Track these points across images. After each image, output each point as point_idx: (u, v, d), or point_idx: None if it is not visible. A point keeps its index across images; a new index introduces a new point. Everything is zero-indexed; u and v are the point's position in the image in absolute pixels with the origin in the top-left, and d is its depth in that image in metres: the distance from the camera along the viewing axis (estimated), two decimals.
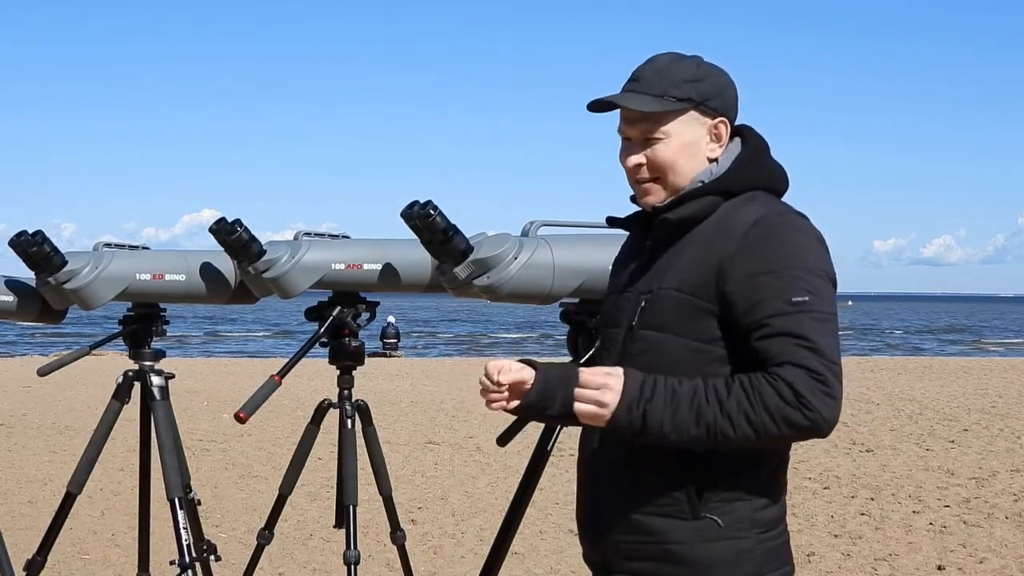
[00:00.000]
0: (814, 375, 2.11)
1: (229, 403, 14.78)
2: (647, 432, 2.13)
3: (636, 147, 2.30)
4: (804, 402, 2.09)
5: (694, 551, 2.22)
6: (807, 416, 2.10)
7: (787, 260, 2.16)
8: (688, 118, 2.27)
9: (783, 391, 2.10)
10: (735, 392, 2.11)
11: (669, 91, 2.25)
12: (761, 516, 2.24)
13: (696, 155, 2.28)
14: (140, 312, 4.26)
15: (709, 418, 2.11)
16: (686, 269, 2.22)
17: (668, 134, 2.26)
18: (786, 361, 2.11)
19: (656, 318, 2.23)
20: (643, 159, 2.28)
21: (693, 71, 2.27)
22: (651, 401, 2.12)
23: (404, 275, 3.79)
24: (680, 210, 2.26)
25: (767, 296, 2.14)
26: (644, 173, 2.29)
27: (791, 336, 2.12)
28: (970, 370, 23.59)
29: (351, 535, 3.88)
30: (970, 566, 6.82)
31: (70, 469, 4.44)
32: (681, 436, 2.13)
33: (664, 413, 2.11)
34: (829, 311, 2.17)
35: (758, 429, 2.11)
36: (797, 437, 2.15)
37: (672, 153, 2.27)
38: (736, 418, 2.10)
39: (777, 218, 2.21)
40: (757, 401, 2.10)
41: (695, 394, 2.12)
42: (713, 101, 2.28)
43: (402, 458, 10.69)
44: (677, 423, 2.11)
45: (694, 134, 2.28)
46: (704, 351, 2.20)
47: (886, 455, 11.06)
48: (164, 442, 4.10)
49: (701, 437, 2.12)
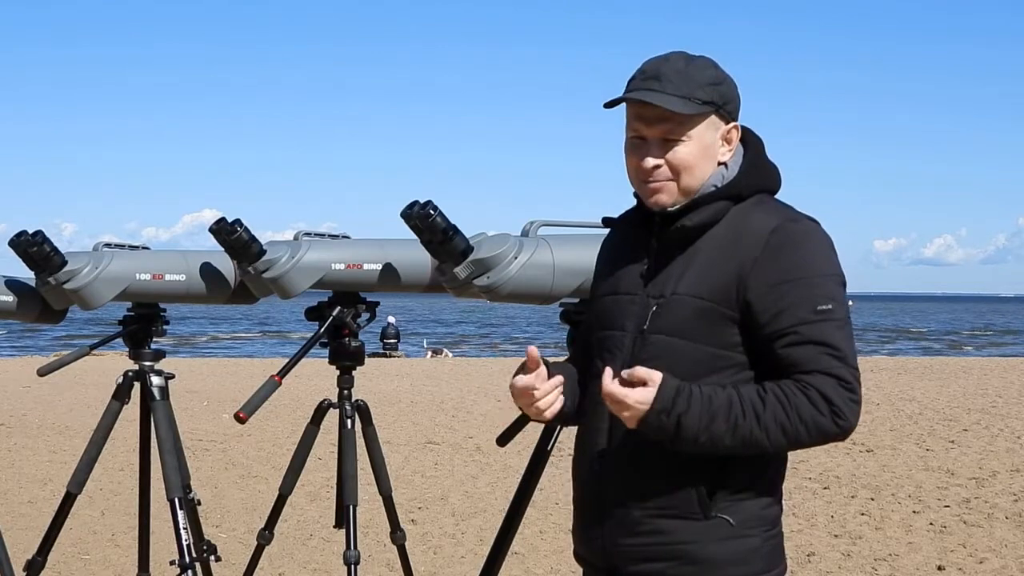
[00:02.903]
0: (843, 384, 2.15)
1: (229, 403, 14.77)
2: (680, 439, 2.14)
3: (653, 147, 2.27)
4: (836, 411, 2.14)
5: (706, 550, 2.23)
6: (839, 424, 2.15)
7: (808, 268, 2.19)
8: (709, 122, 2.27)
9: (817, 401, 2.13)
10: (770, 404, 2.14)
11: (695, 93, 2.24)
12: (766, 514, 2.28)
13: (711, 159, 2.29)
14: (140, 312, 4.27)
15: (745, 431, 2.13)
16: (704, 275, 2.23)
17: (691, 137, 2.26)
18: (815, 369, 2.15)
19: (670, 323, 2.24)
20: (662, 160, 2.27)
21: (713, 74, 2.27)
22: (687, 411, 2.13)
23: (404, 275, 3.79)
24: (696, 216, 2.26)
25: (791, 304, 2.17)
26: (660, 174, 2.27)
27: (818, 344, 2.15)
28: (970, 370, 23.57)
29: (351, 535, 3.87)
30: (970, 566, 6.81)
31: (70, 469, 4.43)
32: (716, 446, 2.15)
33: (700, 423, 2.13)
34: (847, 316, 2.21)
35: (791, 439, 2.15)
36: (823, 443, 2.20)
37: (692, 155, 2.26)
38: (772, 430, 2.13)
39: (794, 225, 2.24)
40: (793, 412, 2.13)
41: (731, 407, 2.14)
42: (729, 105, 2.29)
43: (402, 458, 10.69)
44: (713, 434, 2.13)
45: (712, 138, 2.28)
46: (722, 357, 2.21)
47: (886, 455, 11.05)
48: (164, 442, 4.10)
49: (736, 447, 2.15)
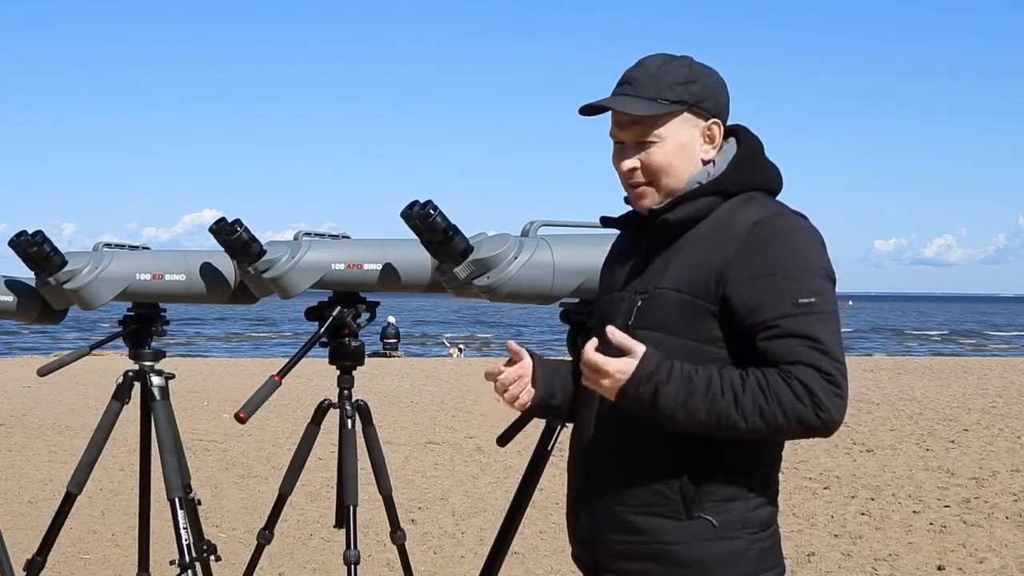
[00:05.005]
0: (826, 376, 2.13)
1: (229, 403, 14.77)
2: (656, 411, 2.13)
3: (629, 151, 2.29)
4: (817, 402, 2.12)
5: (688, 551, 2.22)
6: (820, 416, 2.12)
7: (790, 261, 2.17)
8: (681, 120, 2.26)
9: (798, 390, 2.11)
10: (750, 387, 2.12)
11: (662, 93, 2.24)
12: (754, 516, 2.25)
13: (690, 157, 2.28)
14: (140, 312, 4.27)
15: (722, 408, 2.12)
16: (686, 270, 2.22)
17: (662, 137, 2.26)
18: (797, 361, 2.13)
19: (654, 318, 2.23)
20: (637, 163, 2.28)
21: (686, 72, 2.27)
22: (667, 383, 2.12)
23: (404, 275, 3.80)
24: (679, 210, 2.26)
25: (772, 297, 2.15)
26: (638, 177, 2.28)
27: (800, 337, 2.13)
28: (970, 370, 23.57)
29: (351, 535, 3.88)
30: (970, 566, 6.81)
31: (70, 469, 4.44)
32: (691, 421, 2.14)
33: (677, 397, 2.12)
34: (832, 310, 2.18)
35: (769, 424, 2.13)
36: (804, 435, 2.17)
37: (666, 156, 2.26)
38: (750, 413, 2.12)
39: (777, 219, 2.22)
40: (772, 398, 2.12)
41: (710, 384, 2.13)
42: (706, 102, 2.28)
43: (402, 458, 10.68)
44: (690, 409, 2.12)
45: (688, 136, 2.27)
46: (703, 351, 2.20)
47: (886, 455, 11.05)
48: (164, 442, 4.11)
49: (711, 424, 2.14)
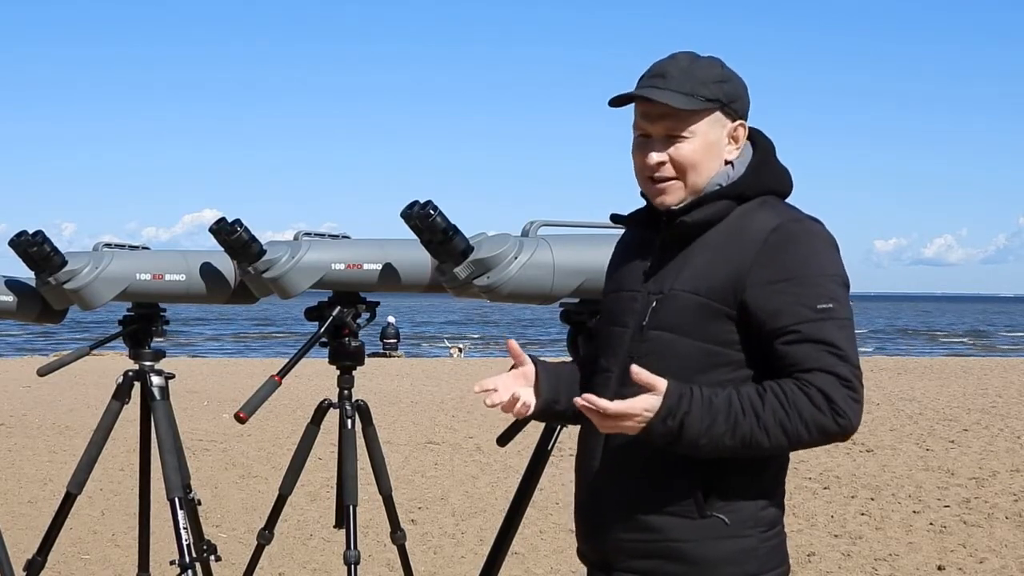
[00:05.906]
0: (844, 381, 2.13)
1: (229, 403, 14.77)
2: (682, 442, 2.13)
3: (657, 144, 2.28)
4: (836, 409, 2.12)
5: (700, 549, 2.23)
6: (839, 423, 2.13)
7: (808, 267, 2.18)
8: (713, 119, 2.27)
9: (816, 399, 2.11)
10: (769, 402, 2.12)
11: (698, 90, 2.24)
12: (764, 515, 2.26)
13: (716, 156, 2.28)
14: (140, 312, 4.27)
15: (745, 430, 2.12)
16: (702, 272, 2.22)
17: (693, 133, 2.26)
18: (815, 367, 2.13)
19: (668, 319, 2.23)
20: (665, 157, 2.27)
21: (719, 72, 2.28)
22: (690, 413, 2.11)
23: (404, 275, 3.80)
24: (697, 213, 2.26)
25: (791, 303, 2.16)
26: (665, 171, 2.28)
27: (818, 343, 2.14)
28: (970, 370, 23.57)
29: (351, 535, 3.87)
30: (970, 566, 6.81)
31: (70, 469, 4.44)
32: (716, 447, 2.13)
33: (701, 424, 2.11)
34: (848, 316, 2.19)
35: (791, 438, 2.13)
36: (824, 443, 2.18)
37: (695, 152, 2.26)
38: (772, 429, 2.12)
39: (795, 224, 2.23)
40: (793, 411, 2.11)
41: (730, 406, 2.12)
42: (736, 103, 2.29)
43: (402, 458, 10.68)
44: (713, 435, 2.11)
45: (716, 135, 2.28)
46: (717, 353, 2.20)
47: (886, 455, 11.05)
48: (164, 442, 4.10)
49: (736, 447, 2.13)
